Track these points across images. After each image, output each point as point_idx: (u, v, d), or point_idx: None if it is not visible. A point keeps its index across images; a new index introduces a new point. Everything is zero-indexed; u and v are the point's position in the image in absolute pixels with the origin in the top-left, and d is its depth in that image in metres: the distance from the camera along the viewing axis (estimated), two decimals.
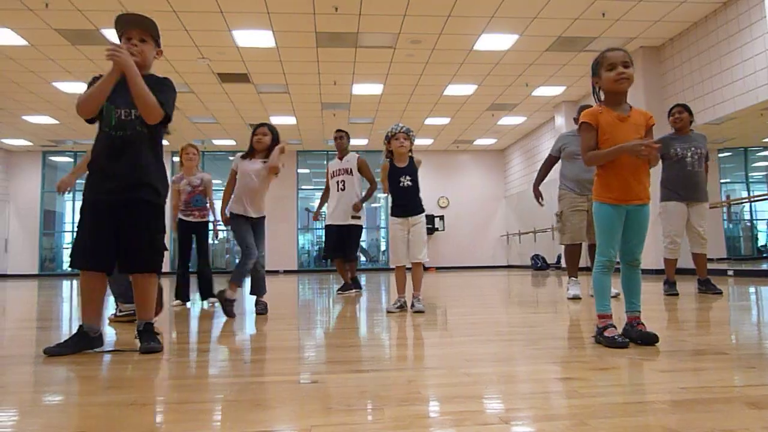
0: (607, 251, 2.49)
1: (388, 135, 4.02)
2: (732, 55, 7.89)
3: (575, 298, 4.65)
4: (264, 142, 4.06)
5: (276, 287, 8.60)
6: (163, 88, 2.54)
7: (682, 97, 8.72)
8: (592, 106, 4.99)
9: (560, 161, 4.96)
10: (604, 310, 2.48)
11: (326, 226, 5.74)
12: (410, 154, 4.06)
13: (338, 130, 5.90)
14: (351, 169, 5.68)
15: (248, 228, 4.03)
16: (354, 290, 5.84)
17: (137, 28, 2.56)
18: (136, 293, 2.60)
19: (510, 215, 16.48)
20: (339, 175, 5.69)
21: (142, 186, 2.49)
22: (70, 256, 2.52)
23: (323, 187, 5.68)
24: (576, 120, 4.98)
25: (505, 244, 16.60)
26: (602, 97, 2.56)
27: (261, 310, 4.05)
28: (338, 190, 5.63)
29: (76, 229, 2.56)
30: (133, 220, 2.49)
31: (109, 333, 3.23)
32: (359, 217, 5.44)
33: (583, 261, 6.43)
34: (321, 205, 6.04)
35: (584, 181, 4.74)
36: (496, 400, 1.62)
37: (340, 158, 5.79)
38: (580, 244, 4.84)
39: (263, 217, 4.13)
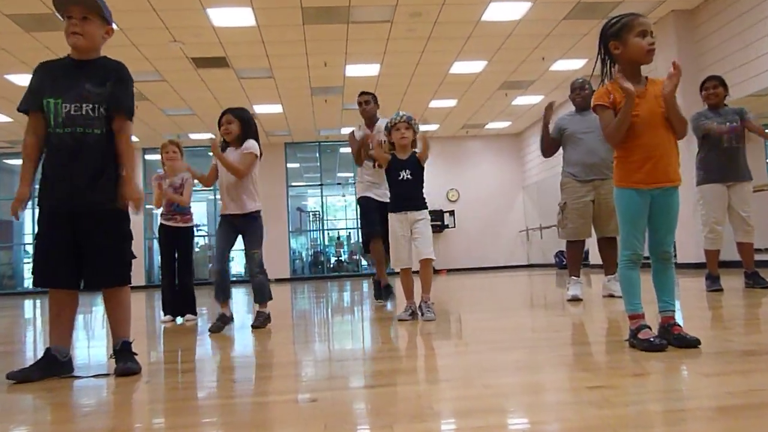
0: (631, 243, 2.49)
1: (388, 125, 4.04)
2: None
3: (575, 300, 4.64)
4: (232, 132, 4.05)
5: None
6: (122, 83, 2.53)
7: (720, 67, 8.71)
8: (584, 80, 5.02)
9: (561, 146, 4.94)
10: (635, 310, 2.49)
11: (366, 197, 5.36)
12: (414, 150, 4.07)
13: (364, 93, 5.53)
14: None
15: (229, 233, 4.08)
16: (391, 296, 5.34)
17: (77, 5, 2.52)
18: (109, 310, 2.61)
19: (529, 208, 16.48)
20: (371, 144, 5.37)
21: (100, 191, 2.47)
22: (32, 273, 2.53)
23: (317, 183, 5.53)
24: (571, 99, 5.01)
25: (525, 240, 16.60)
26: (614, 68, 2.50)
27: (257, 323, 4.05)
28: (375, 166, 5.32)
29: (33, 241, 2.56)
30: (95, 230, 2.48)
31: (81, 355, 3.25)
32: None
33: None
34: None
35: (590, 165, 4.73)
36: (519, 413, 1.64)
37: (370, 126, 5.45)
38: (583, 240, 4.84)
39: (254, 214, 4.12)
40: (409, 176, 3.98)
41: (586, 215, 4.75)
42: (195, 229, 5.17)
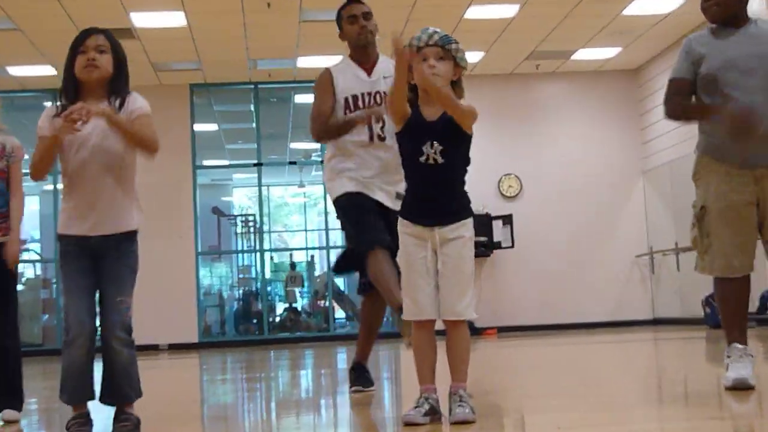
0: None
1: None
2: None
3: (740, 387, 4.54)
4: (102, 67, 4.09)
5: (155, 382, 8.57)
6: None
7: None
8: None
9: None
10: None
11: (353, 194, 5.47)
12: (456, 96, 4.04)
13: (356, 0, 5.65)
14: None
15: (86, 269, 4.13)
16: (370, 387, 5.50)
17: None
18: None
19: (657, 211, 16.47)
20: (370, 104, 5.54)
21: None
22: None
23: (251, 162, 5.55)
24: (704, 8, 4.98)
25: (648, 273, 16.60)
26: None
27: (126, 428, 4.06)
28: (372, 139, 5.54)
29: None
30: None
31: None
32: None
33: None
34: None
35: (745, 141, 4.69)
36: None
37: (367, 68, 5.67)
38: (746, 278, 4.77)
39: (131, 235, 4.19)
40: (439, 157, 3.98)
41: (746, 230, 4.75)
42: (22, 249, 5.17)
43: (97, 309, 4.18)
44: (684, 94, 4.92)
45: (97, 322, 4.18)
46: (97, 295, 4.18)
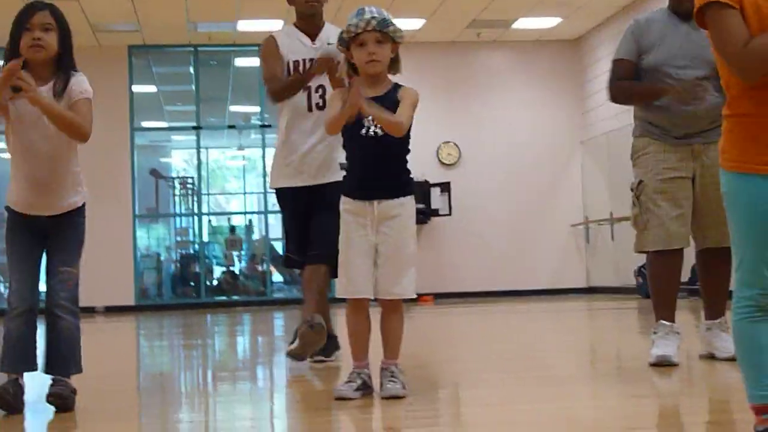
0: (758, 275, 2.50)
1: (344, 36, 4.02)
2: None
3: (663, 364, 4.68)
4: (48, 47, 4.01)
5: (91, 348, 8.54)
6: None
7: None
8: None
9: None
10: (763, 399, 2.52)
11: (285, 191, 5.64)
12: (393, 72, 4.10)
13: None
14: (337, 63, 5.38)
15: (32, 245, 4.12)
16: (336, 352, 5.59)
17: None
18: None
19: (594, 180, 16.58)
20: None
21: None
22: None
23: (191, 125, 5.47)
24: None
25: (583, 243, 16.80)
26: None
27: (60, 398, 4.03)
28: (312, 109, 5.52)
29: None
30: None
31: None
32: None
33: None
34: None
35: (686, 115, 4.78)
36: None
37: (312, 35, 5.63)
38: (680, 251, 4.85)
39: (78, 212, 4.15)
40: (379, 129, 3.96)
41: (684, 203, 4.80)
42: None
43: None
44: (629, 77, 4.98)
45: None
46: (44, 265, 4.17)
